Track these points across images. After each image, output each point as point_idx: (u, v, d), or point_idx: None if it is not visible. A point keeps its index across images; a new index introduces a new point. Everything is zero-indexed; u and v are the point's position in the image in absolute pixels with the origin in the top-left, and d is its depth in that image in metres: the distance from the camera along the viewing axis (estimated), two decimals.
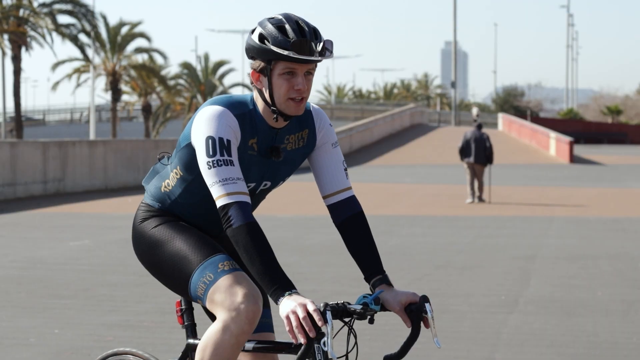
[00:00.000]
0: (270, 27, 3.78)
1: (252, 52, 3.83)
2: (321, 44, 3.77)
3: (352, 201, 4.04)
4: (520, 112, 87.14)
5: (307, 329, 3.56)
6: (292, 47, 3.73)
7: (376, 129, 58.77)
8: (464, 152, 24.03)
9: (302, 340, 3.57)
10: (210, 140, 3.80)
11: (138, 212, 4.17)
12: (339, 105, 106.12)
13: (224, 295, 3.79)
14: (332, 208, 4.04)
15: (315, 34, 3.79)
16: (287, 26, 3.77)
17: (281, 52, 3.74)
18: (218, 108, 3.86)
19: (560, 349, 7.83)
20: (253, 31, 3.83)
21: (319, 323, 3.55)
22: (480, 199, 24.27)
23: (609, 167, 42.74)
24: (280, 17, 3.81)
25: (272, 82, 3.81)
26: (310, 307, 3.57)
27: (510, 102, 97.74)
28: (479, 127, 24.16)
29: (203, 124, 3.83)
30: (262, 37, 3.79)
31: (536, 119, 73.58)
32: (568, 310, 9.53)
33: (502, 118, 70.63)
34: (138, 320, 8.91)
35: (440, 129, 70.92)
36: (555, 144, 51.03)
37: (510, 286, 10.99)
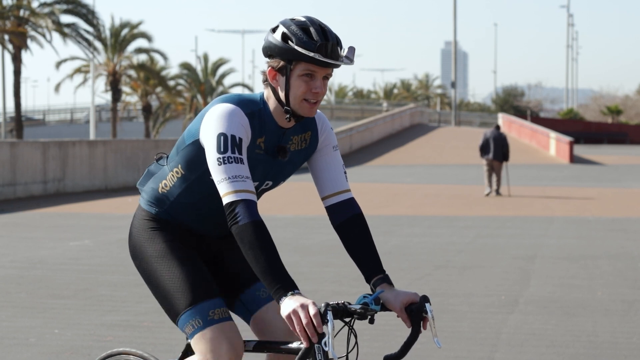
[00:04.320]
0: (294, 27, 3.77)
1: (272, 50, 3.81)
2: (345, 50, 3.79)
3: (352, 203, 4.04)
4: (520, 112, 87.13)
5: (309, 333, 3.57)
6: (317, 49, 3.74)
7: (376, 129, 58.76)
8: (483, 149, 26.37)
9: (305, 343, 3.60)
10: (222, 137, 3.79)
11: (135, 221, 4.17)
12: (339, 105, 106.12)
13: (209, 346, 3.89)
14: (331, 209, 4.04)
15: (337, 39, 3.80)
16: (311, 29, 3.77)
17: (306, 54, 3.74)
18: (230, 106, 3.85)
19: (560, 349, 7.83)
20: (274, 30, 3.82)
21: (319, 329, 3.57)
22: (497, 193, 26.56)
23: (609, 167, 42.74)
24: (304, 19, 3.81)
25: (290, 82, 3.81)
26: (312, 311, 3.57)
27: (510, 102, 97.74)
28: (497, 127, 26.72)
29: (215, 121, 3.82)
30: (285, 37, 3.78)
31: (536, 119, 73.56)
32: (568, 310, 9.53)
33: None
34: (138, 320, 8.92)
35: (440, 129, 70.93)
36: (555, 144, 51.04)
37: (510, 286, 10.99)
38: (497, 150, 26.17)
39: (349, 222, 4.01)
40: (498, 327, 8.66)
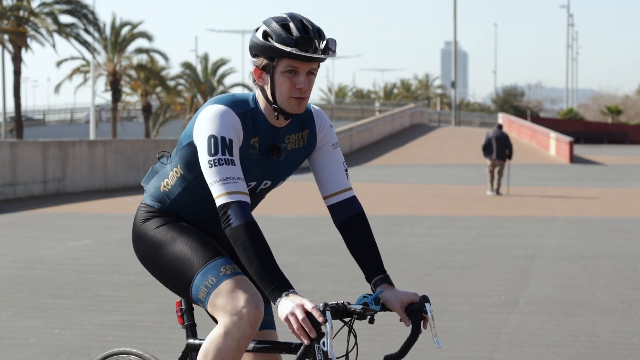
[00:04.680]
0: (274, 25, 3.79)
1: (256, 49, 3.83)
2: (324, 42, 3.78)
3: (353, 201, 4.04)
4: (520, 112, 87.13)
5: (307, 329, 3.55)
6: (295, 44, 3.74)
7: (376, 129, 58.76)
8: (486, 149, 26.79)
9: (305, 341, 3.57)
10: (212, 139, 3.79)
11: (138, 213, 4.17)
12: (339, 105, 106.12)
13: (226, 300, 3.79)
14: (332, 209, 4.04)
15: (319, 33, 3.79)
16: (291, 24, 3.78)
17: (284, 49, 3.74)
18: (221, 107, 3.86)
19: (560, 349, 7.83)
20: (257, 29, 3.84)
21: (320, 320, 3.53)
22: (497, 193, 26.99)
23: (609, 167, 42.74)
24: (285, 15, 3.82)
25: (275, 79, 3.81)
26: (308, 306, 3.56)
27: (510, 102, 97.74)
28: (500, 127, 27.16)
29: (205, 123, 3.83)
30: (266, 35, 3.79)
31: (536, 119, 73.56)
32: (568, 310, 9.53)
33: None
34: (138, 320, 8.91)
35: (440, 129, 70.92)
36: (555, 144, 51.04)
37: (510, 286, 10.99)
38: (499, 149, 26.64)
39: (350, 221, 4.01)
40: (498, 327, 8.66)
